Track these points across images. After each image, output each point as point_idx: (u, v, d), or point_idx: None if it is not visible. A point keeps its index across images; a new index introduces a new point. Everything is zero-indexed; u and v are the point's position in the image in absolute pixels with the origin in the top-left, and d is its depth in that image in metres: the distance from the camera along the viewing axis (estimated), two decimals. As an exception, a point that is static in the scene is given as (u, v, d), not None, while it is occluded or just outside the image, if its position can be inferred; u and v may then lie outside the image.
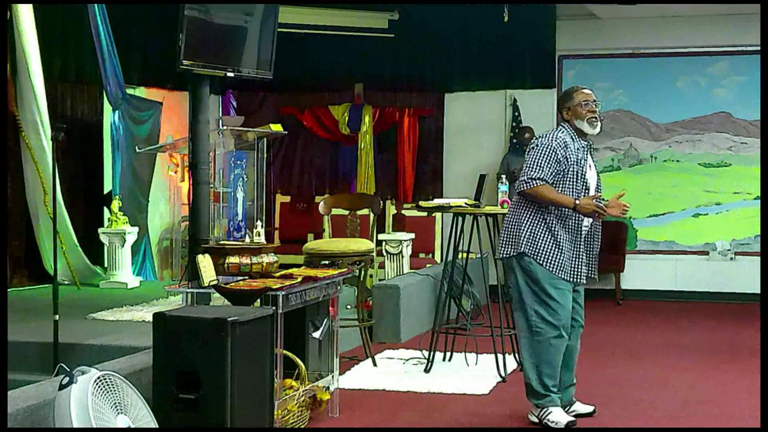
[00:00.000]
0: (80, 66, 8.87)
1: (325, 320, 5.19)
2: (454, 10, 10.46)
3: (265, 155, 7.97)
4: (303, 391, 4.84)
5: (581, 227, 5.00)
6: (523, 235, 4.96)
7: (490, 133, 10.71)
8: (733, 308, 9.58)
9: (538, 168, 4.90)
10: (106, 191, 9.04)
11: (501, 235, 5.14)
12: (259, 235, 5.14)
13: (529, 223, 4.97)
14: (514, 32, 10.07)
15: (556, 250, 4.92)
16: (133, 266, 8.75)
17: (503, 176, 6.81)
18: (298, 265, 5.69)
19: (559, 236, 4.93)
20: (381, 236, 8.69)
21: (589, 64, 10.59)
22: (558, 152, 4.91)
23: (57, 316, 5.38)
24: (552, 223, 4.95)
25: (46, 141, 7.95)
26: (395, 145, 11.00)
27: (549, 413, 4.92)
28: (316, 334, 5.13)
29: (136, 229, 8.65)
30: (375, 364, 6.53)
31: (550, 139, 4.96)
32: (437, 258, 9.96)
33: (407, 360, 6.70)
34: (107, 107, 8.84)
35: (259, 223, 5.38)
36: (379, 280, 8.39)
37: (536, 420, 4.99)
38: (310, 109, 11.10)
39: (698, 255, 10.35)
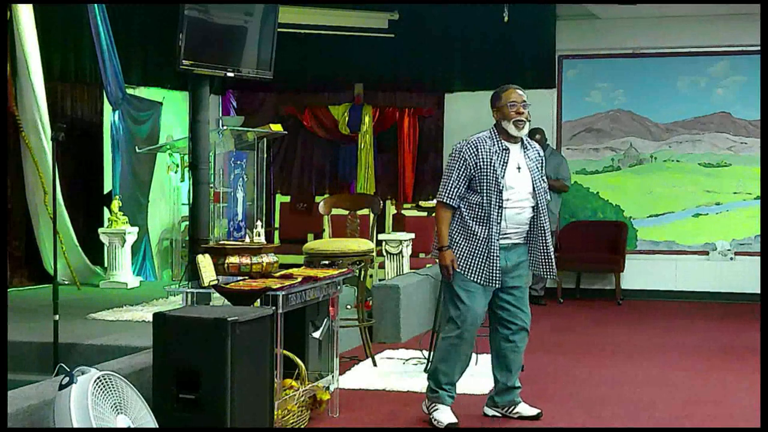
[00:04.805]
0: (80, 66, 8.87)
1: (325, 320, 5.19)
2: (454, 10, 10.46)
3: (265, 155, 7.97)
4: (303, 391, 4.84)
5: (496, 227, 4.93)
6: (446, 232, 5.04)
7: (490, 133, 10.69)
8: (733, 308, 9.57)
9: (446, 186, 5.03)
10: (106, 191, 9.04)
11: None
12: (259, 235, 5.14)
13: (451, 223, 5.04)
14: (514, 32, 10.06)
15: (468, 250, 4.96)
16: (133, 266, 8.75)
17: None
18: (298, 265, 5.69)
19: (474, 234, 4.95)
20: (381, 236, 8.68)
21: (589, 64, 10.59)
22: (468, 160, 4.97)
23: (57, 316, 5.38)
24: (468, 222, 4.98)
25: (46, 141, 7.95)
26: (395, 145, 11.00)
27: (436, 409, 5.03)
28: (316, 334, 5.14)
29: (136, 229, 8.65)
30: (375, 364, 6.53)
31: (462, 145, 5.04)
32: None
33: (407, 360, 6.70)
34: (107, 107, 8.84)
35: (259, 223, 5.38)
36: (379, 280, 8.39)
37: (425, 411, 5.09)
38: (310, 109, 11.10)
39: (698, 255, 10.35)
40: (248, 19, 6.51)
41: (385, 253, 8.73)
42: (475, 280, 4.95)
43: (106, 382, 3.68)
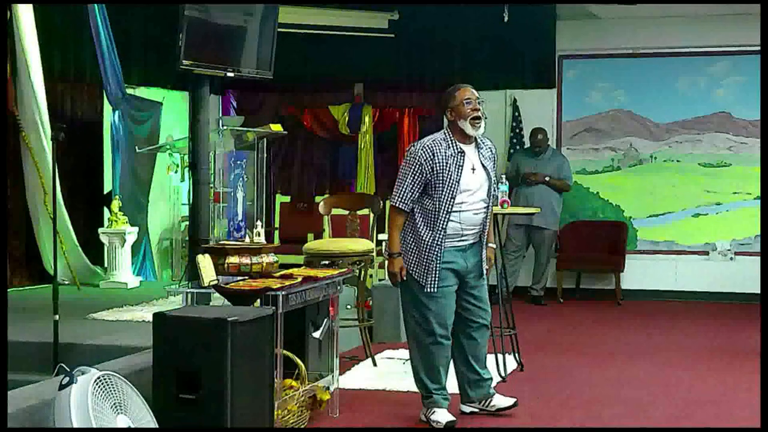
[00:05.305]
0: (80, 66, 8.86)
1: (325, 320, 5.19)
2: (454, 10, 10.45)
3: (265, 155, 7.96)
4: (303, 391, 4.84)
5: (442, 231, 4.92)
6: (398, 239, 5.05)
7: (490, 133, 10.64)
8: (733, 308, 9.57)
9: (401, 192, 4.96)
10: (106, 191, 9.04)
11: None
12: (259, 235, 5.14)
13: (404, 227, 5.03)
14: (514, 32, 10.05)
15: (418, 255, 4.96)
16: (133, 266, 8.75)
17: (503, 176, 6.77)
18: (298, 265, 5.69)
19: (421, 238, 4.94)
20: (381, 236, 8.67)
21: (589, 64, 10.58)
22: (424, 166, 4.91)
23: (57, 316, 5.38)
24: (418, 226, 4.97)
25: (46, 141, 7.94)
26: (395, 145, 11.00)
27: (432, 413, 5.03)
28: (316, 334, 5.14)
29: (136, 229, 8.64)
30: (375, 364, 6.53)
31: (417, 149, 4.96)
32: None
33: (407, 360, 6.67)
34: (107, 107, 8.84)
35: (259, 223, 5.38)
36: (379, 280, 8.39)
37: (424, 419, 5.07)
38: (310, 109, 11.10)
39: (698, 255, 10.35)
40: (248, 19, 6.52)
41: (385, 253, 8.71)
42: (421, 282, 4.96)
43: (106, 382, 3.68)
